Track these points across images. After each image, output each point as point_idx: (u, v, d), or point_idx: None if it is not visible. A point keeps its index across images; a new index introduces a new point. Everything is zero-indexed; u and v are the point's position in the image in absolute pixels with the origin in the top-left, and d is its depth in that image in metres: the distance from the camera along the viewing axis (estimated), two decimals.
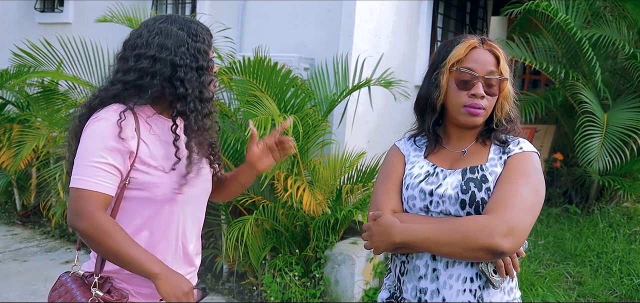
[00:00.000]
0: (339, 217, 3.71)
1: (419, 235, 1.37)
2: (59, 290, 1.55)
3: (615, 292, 3.62)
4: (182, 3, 6.03)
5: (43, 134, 4.69)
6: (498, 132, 1.50)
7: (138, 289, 1.54)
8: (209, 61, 1.56)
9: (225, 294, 4.10)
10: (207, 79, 1.56)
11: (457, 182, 1.43)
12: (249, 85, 3.81)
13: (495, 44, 1.51)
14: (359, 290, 3.75)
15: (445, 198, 1.42)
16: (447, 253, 1.37)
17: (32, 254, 4.73)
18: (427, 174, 1.49)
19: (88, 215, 1.40)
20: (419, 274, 1.46)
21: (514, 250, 1.33)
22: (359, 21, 4.65)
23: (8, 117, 5.53)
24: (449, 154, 1.53)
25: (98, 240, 1.41)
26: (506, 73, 1.48)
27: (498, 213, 1.33)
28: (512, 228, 1.30)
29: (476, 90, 1.44)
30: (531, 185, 1.38)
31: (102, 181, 1.42)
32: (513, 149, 1.46)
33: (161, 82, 1.50)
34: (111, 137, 1.43)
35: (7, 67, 5.17)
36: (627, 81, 4.76)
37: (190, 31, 1.53)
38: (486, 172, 1.43)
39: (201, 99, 1.54)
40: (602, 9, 4.78)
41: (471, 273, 1.41)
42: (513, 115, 1.52)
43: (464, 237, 1.33)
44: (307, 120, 3.70)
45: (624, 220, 4.43)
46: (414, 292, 1.47)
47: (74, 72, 4.80)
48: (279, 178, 3.77)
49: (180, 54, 1.50)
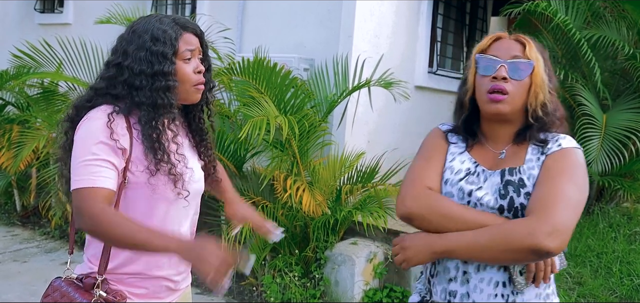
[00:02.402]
0: (338, 218, 3.71)
1: (460, 243, 1.33)
2: (52, 295, 1.53)
3: (615, 292, 3.61)
4: (181, 3, 6.03)
5: (43, 135, 4.69)
6: (534, 129, 1.40)
7: (132, 290, 1.53)
8: (166, 65, 1.46)
9: (225, 294, 4.10)
10: (163, 85, 1.46)
11: (496, 185, 1.38)
12: (248, 86, 3.81)
13: (523, 35, 1.45)
14: (359, 290, 3.75)
15: (483, 202, 1.37)
16: (488, 257, 1.32)
17: (32, 255, 4.73)
18: (468, 172, 1.43)
19: (89, 211, 1.38)
20: (449, 276, 1.41)
21: (559, 249, 1.27)
22: (359, 22, 4.65)
23: (8, 118, 5.53)
24: (489, 153, 1.46)
25: (106, 233, 1.39)
26: (535, 58, 1.39)
27: (541, 213, 1.27)
28: (556, 227, 1.25)
29: (497, 73, 1.38)
30: (574, 182, 1.32)
31: (99, 176, 1.40)
32: (551, 148, 1.38)
33: (125, 90, 1.48)
34: (102, 134, 1.42)
35: (7, 68, 5.17)
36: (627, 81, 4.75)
37: (152, 34, 1.47)
38: (523, 175, 1.37)
39: (155, 106, 1.47)
40: (602, 9, 4.78)
41: (503, 277, 1.36)
42: (551, 107, 1.41)
43: (505, 239, 1.28)
44: (306, 121, 3.70)
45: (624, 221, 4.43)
46: (443, 294, 1.42)
47: (73, 73, 4.80)
48: (278, 179, 3.77)
49: (137, 61, 1.46)
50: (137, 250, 1.44)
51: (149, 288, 1.55)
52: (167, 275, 1.57)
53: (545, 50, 1.46)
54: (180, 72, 1.50)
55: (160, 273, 1.56)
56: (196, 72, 1.53)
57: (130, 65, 1.47)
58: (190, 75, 1.52)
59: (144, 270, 1.53)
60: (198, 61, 1.55)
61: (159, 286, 1.57)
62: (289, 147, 3.74)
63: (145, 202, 1.51)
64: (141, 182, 1.48)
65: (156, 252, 1.41)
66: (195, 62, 1.54)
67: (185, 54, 1.51)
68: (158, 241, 1.37)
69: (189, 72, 1.52)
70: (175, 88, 1.49)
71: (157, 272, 1.55)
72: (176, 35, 1.50)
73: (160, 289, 1.57)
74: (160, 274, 1.56)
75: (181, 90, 1.52)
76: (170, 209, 1.54)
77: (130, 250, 1.45)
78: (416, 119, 5.53)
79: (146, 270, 1.53)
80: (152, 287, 1.55)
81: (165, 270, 1.57)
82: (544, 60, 1.41)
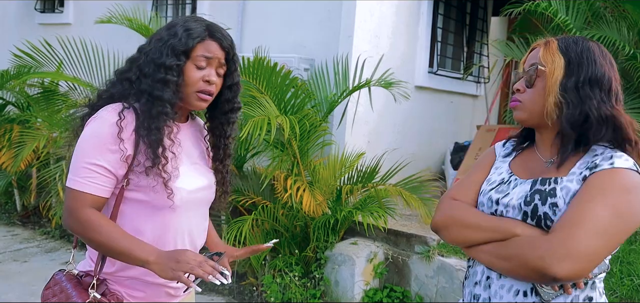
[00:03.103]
0: (339, 218, 3.71)
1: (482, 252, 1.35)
2: (52, 288, 1.53)
3: (616, 292, 3.61)
4: (182, 4, 6.03)
5: (43, 135, 4.69)
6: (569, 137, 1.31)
7: (130, 292, 1.52)
8: (172, 59, 1.45)
9: (225, 294, 4.10)
10: (162, 77, 1.45)
11: (523, 192, 1.34)
12: (249, 85, 3.81)
13: (550, 38, 1.39)
14: (359, 290, 3.75)
15: (509, 208, 1.34)
16: (506, 270, 1.30)
17: (32, 255, 4.73)
18: (501, 182, 1.42)
19: (74, 212, 1.42)
20: (475, 280, 1.42)
21: (571, 277, 1.18)
22: (359, 22, 4.65)
23: (8, 118, 5.54)
24: (535, 162, 1.42)
25: (86, 236, 1.43)
26: (549, 61, 1.33)
27: (556, 234, 1.21)
28: (571, 253, 1.16)
29: (515, 87, 1.40)
30: (611, 205, 1.20)
31: (93, 182, 1.42)
32: (601, 165, 1.26)
33: (136, 74, 1.50)
34: (108, 137, 1.42)
35: (8, 67, 5.17)
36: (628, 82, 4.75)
37: (175, 30, 1.49)
38: (558, 186, 1.29)
39: (151, 96, 1.46)
40: (602, 9, 4.78)
41: (525, 287, 1.31)
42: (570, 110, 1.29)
43: (517, 254, 1.25)
44: (306, 121, 3.70)
45: None
46: (469, 297, 1.43)
47: (74, 73, 4.80)
48: (278, 179, 3.77)
49: (152, 49, 1.49)
50: (117, 258, 1.46)
51: (147, 292, 1.54)
52: (166, 283, 1.56)
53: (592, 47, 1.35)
54: (186, 74, 1.48)
55: (159, 280, 1.53)
56: (204, 80, 1.49)
57: (146, 50, 1.50)
58: (195, 81, 1.48)
59: (142, 275, 1.52)
60: (213, 72, 1.51)
61: (158, 291, 1.56)
62: (289, 147, 3.74)
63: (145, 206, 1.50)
64: (144, 184, 1.48)
65: (135, 263, 1.41)
66: (208, 72, 1.50)
67: (200, 60, 1.48)
68: (138, 252, 1.39)
69: (196, 77, 1.49)
70: (175, 84, 1.47)
71: (156, 278, 1.52)
72: (197, 36, 1.48)
73: (159, 294, 1.57)
74: (159, 281, 1.54)
75: (184, 93, 1.50)
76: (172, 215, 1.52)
77: (112, 256, 1.47)
78: (416, 119, 5.54)
79: (144, 276, 1.52)
80: (151, 291, 1.55)
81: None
82: (569, 60, 1.32)
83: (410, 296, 3.79)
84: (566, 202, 1.27)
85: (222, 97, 1.61)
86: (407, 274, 3.81)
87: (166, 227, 1.52)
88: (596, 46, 1.35)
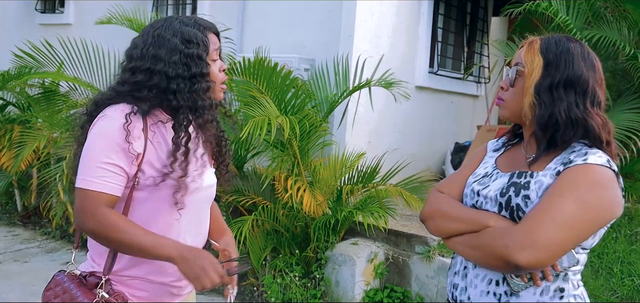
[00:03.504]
0: (339, 218, 3.71)
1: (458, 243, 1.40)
2: (54, 289, 1.53)
3: (616, 292, 3.61)
4: (182, 3, 6.04)
5: (44, 135, 4.69)
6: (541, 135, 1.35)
7: (133, 292, 1.52)
8: (204, 66, 1.49)
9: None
10: (202, 87, 1.49)
11: (501, 185, 1.39)
12: (249, 86, 3.81)
13: (532, 37, 1.43)
14: (359, 290, 3.75)
15: (487, 199, 1.40)
16: (478, 260, 1.36)
17: (33, 255, 4.73)
18: (485, 175, 1.48)
19: (92, 213, 1.39)
20: (455, 270, 1.49)
21: (532, 265, 1.23)
22: (359, 22, 4.65)
23: (9, 118, 5.54)
24: (518, 157, 1.46)
25: (108, 236, 1.41)
26: (529, 61, 1.37)
27: (522, 225, 1.26)
28: (532, 242, 1.21)
29: (500, 84, 1.46)
30: (578, 198, 1.24)
31: (107, 181, 1.41)
32: (575, 161, 1.29)
33: (156, 94, 1.48)
34: (118, 137, 1.41)
35: (8, 68, 5.18)
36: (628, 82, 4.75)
37: (183, 37, 1.48)
38: (533, 179, 1.33)
39: (195, 108, 1.49)
40: (603, 9, 4.78)
41: (497, 276, 1.36)
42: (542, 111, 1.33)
43: (486, 244, 1.31)
44: (307, 121, 3.70)
45: (625, 221, 4.42)
46: (449, 286, 1.51)
47: (74, 73, 4.80)
48: (279, 179, 3.77)
49: (172, 64, 1.46)
50: (139, 255, 1.45)
51: (150, 292, 1.54)
52: (170, 282, 1.57)
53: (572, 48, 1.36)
54: (211, 73, 1.53)
55: (163, 279, 1.55)
56: (221, 71, 1.56)
57: (163, 69, 1.47)
58: (217, 75, 1.55)
59: (146, 274, 1.52)
60: (221, 61, 1.58)
61: (161, 291, 1.56)
62: (289, 147, 3.74)
63: (154, 206, 1.50)
64: (149, 184, 1.48)
65: (159, 258, 1.43)
66: (219, 62, 1.57)
67: (214, 55, 1.54)
68: (161, 248, 1.41)
69: (217, 72, 1.55)
70: (213, 88, 1.53)
71: (159, 278, 1.54)
72: (204, 36, 1.52)
73: (162, 293, 1.57)
74: (163, 280, 1.55)
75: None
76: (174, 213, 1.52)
77: (133, 254, 1.46)
78: (417, 119, 5.53)
79: (148, 275, 1.52)
80: (154, 290, 1.55)
81: (168, 276, 1.55)
82: (547, 61, 1.35)
83: (410, 296, 3.79)
84: (539, 195, 1.31)
85: None
86: (408, 274, 3.81)
87: (172, 226, 1.53)
88: (578, 47, 1.37)
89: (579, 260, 1.33)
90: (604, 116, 1.35)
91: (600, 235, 1.35)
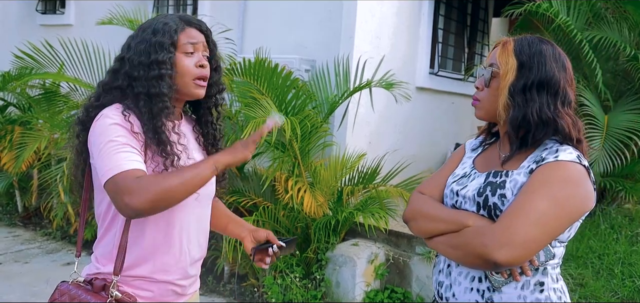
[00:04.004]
0: (340, 219, 3.71)
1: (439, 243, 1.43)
2: (59, 300, 1.51)
3: (617, 293, 3.61)
4: (183, 4, 6.04)
5: (44, 136, 4.70)
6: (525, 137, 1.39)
7: (137, 292, 1.52)
8: (162, 54, 1.46)
9: (226, 296, 4.10)
10: (156, 73, 1.46)
11: (478, 184, 1.42)
12: (249, 86, 3.81)
13: (511, 38, 1.45)
14: (360, 291, 3.74)
15: (466, 199, 1.43)
16: (458, 259, 1.39)
17: (33, 256, 4.73)
18: (463, 175, 1.51)
19: (131, 187, 1.32)
20: (439, 268, 1.52)
21: (510, 262, 1.26)
22: (360, 22, 4.65)
23: (10, 119, 5.55)
24: (494, 157, 1.50)
25: (160, 195, 1.34)
26: (503, 62, 1.40)
27: (499, 223, 1.30)
28: (509, 240, 1.25)
29: (475, 84, 1.48)
30: (551, 195, 1.28)
31: (132, 160, 1.38)
32: (547, 158, 1.33)
33: (126, 81, 1.49)
34: (122, 128, 1.42)
35: (9, 69, 5.18)
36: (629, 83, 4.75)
37: (154, 28, 1.50)
38: (508, 178, 1.37)
39: (149, 95, 1.46)
40: (603, 10, 4.78)
41: (479, 273, 1.40)
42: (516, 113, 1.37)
43: (466, 243, 1.33)
44: (307, 122, 3.70)
45: (626, 222, 4.42)
46: (435, 284, 1.53)
47: (75, 74, 4.81)
48: (279, 180, 3.77)
49: (137, 52, 1.49)
50: (191, 190, 1.41)
51: (154, 292, 1.54)
52: (174, 280, 1.56)
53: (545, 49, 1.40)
54: (179, 64, 1.50)
55: (167, 278, 1.54)
56: (198, 65, 1.52)
57: (131, 57, 1.50)
58: (190, 68, 1.51)
59: (149, 274, 1.52)
60: (201, 56, 1.54)
61: (165, 290, 1.56)
62: (290, 148, 3.75)
63: None
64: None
65: (204, 180, 1.44)
66: (198, 57, 1.53)
67: (187, 47, 1.51)
68: (204, 170, 1.43)
69: (189, 65, 1.51)
70: (170, 77, 1.48)
71: (163, 276, 1.54)
72: (177, 28, 1.50)
73: (166, 293, 1.56)
74: (167, 279, 1.54)
75: (181, 83, 1.51)
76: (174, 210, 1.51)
77: (187, 192, 1.41)
78: (417, 120, 5.53)
79: (152, 274, 1.52)
80: (158, 290, 1.55)
81: (172, 275, 1.55)
82: (521, 63, 1.38)
83: (411, 297, 3.78)
84: (514, 193, 1.34)
85: (210, 80, 1.62)
86: (408, 275, 3.81)
87: (172, 224, 1.53)
88: (550, 48, 1.41)
89: (555, 254, 1.37)
90: (574, 115, 1.40)
91: (576, 227, 1.39)
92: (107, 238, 1.53)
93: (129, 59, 1.50)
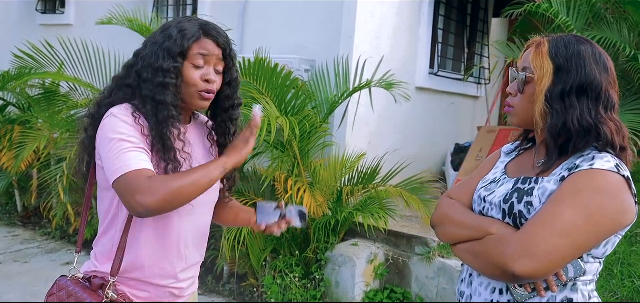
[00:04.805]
0: (339, 219, 3.71)
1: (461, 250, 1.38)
2: (57, 294, 1.51)
3: (617, 294, 3.61)
4: (183, 4, 6.04)
5: (44, 136, 4.70)
6: (565, 145, 1.28)
7: (135, 293, 1.52)
8: (169, 62, 1.44)
9: (225, 296, 4.10)
10: (161, 81, 1.44)
11: (506, 191, 1.34)
12: (249, 86, 3.81)
13: (545, 38, 1.34)
14: (359, 291, 3.74)
15: (492, 206, 1.36)
16: (479, 268, 1.33)
17: (33, 256, 4.73)
18: (493, 180, 1.44)
19: (143, 186, 1.33)
20: (462, 277, 1.47)
21: (530, 275, 1.17)
22: (360, 23, 4.65)
23: (9, 119, 5.55)
24: (528, 163, 1.42)
25: (171, 195, 1.34)
26: (538, 66, 1.30)
27: (520, 232, 1.21)
28: (529, 251, 1.16)
29: (508, 89, 1.38)
30: (581, 205, 1.17)
31: (140, 159, 1.38)
32: (581, 166, 1.22)
33: (136, 80, 1.49)
34: (133, 128, 1.42)
35: (9, 68, 5.18)
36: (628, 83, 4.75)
37: (170, 32, 1.48)
38: (537, 185, 1.28)
39: (154, 100, 1.45)
40: (603, 10, 4.78)
41: (500, 285, 1.31)
42: (554, 120, 1.26)
43: (486, 252, 1.27)
44: (307, 122, 3.70)
45: None
46: (457, 293, 1.48)
47: (75, 74, 4.81)
48: (279, 180, 3.77)
49: (149, 53, 1.48)
50: (199, 191, 1.43)
51: (151, 293, 1.54)
52: (170, 284, 1.56)
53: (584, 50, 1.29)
54: (186, 75, 1.47)
55: (163, 282, 1.54)
56: (203, 79, 1.49)
57: (143, 56, 1.49)
58: (195, 80, 1.48)
59: (146, 277, 1.52)
60: (211, 70, 1.50)
61: (162, 292, 1.56)
62: (289, 148, 3.75)
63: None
64: None
65: (213, 180, 1.46)
66: (207, 70, 1.49)
67: (197, 59, 1.48)
68: (214, 171, 1.45)
69: (195, 77, 1.48)
70: (175, 87, 1.46)
71: (159, 281, 1.54)
72: (193, 36, 1.47)
73: (164, 295, 1.56)
74: (163, 283, 1.54)
75: (185, 94, 1.49)
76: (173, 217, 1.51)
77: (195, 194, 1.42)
78: (417, 120, 5.53)
79: (149, 278, 1.52)
80: (155, 291, 1.55)
81: (168, 279, 1.55)
82: (558, 66, 1.28)
83: (410, 297, 3.78)
84: (542, 201, 1.25)
85: (222, 94, 1.60)
86: (408, 275, 3.81)
87: (170, 232, 1.52)
88: (590, 48, 1.30)
89: (587, 270, 1.26)
90: (619, 120, 1.29)
91: (614, 243, 1.27)
92: (107, 237, 1.54)
93: (142, 57, 1.50)
